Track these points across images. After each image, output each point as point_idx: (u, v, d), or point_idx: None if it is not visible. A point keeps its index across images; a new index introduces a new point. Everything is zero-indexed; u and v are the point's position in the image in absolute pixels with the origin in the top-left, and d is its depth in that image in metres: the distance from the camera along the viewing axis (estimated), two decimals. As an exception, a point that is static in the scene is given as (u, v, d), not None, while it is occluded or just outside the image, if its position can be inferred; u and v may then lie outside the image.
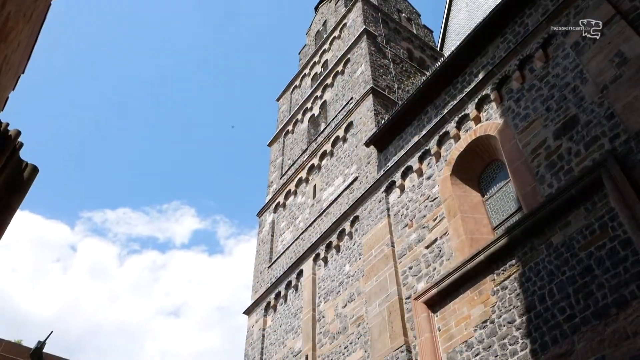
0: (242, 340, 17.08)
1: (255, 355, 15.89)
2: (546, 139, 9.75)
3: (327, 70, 21.99)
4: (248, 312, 17.62)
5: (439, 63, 14.19)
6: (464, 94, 12.40)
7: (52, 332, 10.05)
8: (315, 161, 18.80)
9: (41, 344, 9.69)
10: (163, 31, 72.49)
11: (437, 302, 10.17)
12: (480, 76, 12.16)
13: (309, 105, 22.49)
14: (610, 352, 7.05)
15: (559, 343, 7.72)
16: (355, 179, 15.49)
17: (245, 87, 75.48)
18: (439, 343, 9.72)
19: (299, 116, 22.81)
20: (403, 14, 26.87)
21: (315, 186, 18.18)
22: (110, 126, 69.66)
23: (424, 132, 13.21)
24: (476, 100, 11.99)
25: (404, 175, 13.36)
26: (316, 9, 30.62)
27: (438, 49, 26.34)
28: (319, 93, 22.07)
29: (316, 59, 24.90)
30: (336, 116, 19.03)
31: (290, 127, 23.12)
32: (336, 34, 23.99)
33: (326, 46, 24.46)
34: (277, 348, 15.26)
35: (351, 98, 18.53)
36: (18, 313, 56.24)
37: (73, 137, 69.02)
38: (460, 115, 12.30)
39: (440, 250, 10.96)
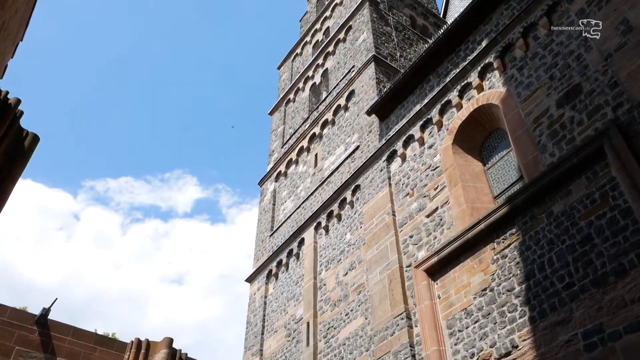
0: (245, 307, 17.33)
1: (257, 322, 16.12)
2: (549, 107, 9.68)
3: (329, 38, 21.73)
4: (250, 280, 17.80)
5: (442, 31, 14.00)
6: (466, 62, 12.27)
7: (56, 299, 10.19)
8: (316, 130, 18.73)
9: (46, 311, 9.83)
10: (162, -2, 71.41)
11: (437, 270, 10.26)
12: (484, 44, 12.01)
13: (310, 73, 22.31)
14: (607, 319, 7.14)
15: (557, 310, 7.81)
16: (357, 147, 15.46)
17: (247, 55, 74.74)
18: (439, 310, 9.84)
19: (300, 85, 22.64)
20: (406, -20, 26.40)
21: (316, 155, 18.16)
22: (110, 94, 69.29)
23: (426, 101, 13.12)
24: (479, 68, 11.88)
25: (406, 144, 13.33)
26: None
27: (441, 16, 25.98)
28: (320, 61, 21.85)
29: (317, 26, 24.58)
30: (338, 84, 18.90)
31: (291, 96, 22.97)
32: (337, 0, 23.63)
33: (327, 13, 24.12)
34: (278, 315, 15.46)
35: (353, 66, 18.36)
36: (22, 281, 56.91)
37: (74, 105, 68.75)
38: (462, 84, 12.19)
39: (441, 219, 11.01)
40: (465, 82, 12.14)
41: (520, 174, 10.24)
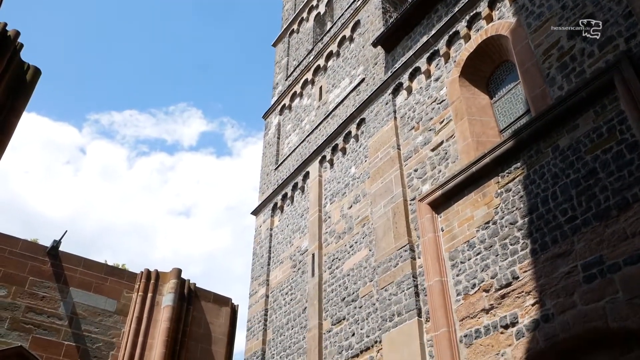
0: (251, 239, 17.66)
1: (263, 254, 16.48)
2: (559, 39, 9.44)
3: (334, -35, 20.95)
4: (255, 212, 18.04)
5: (452, -43, 13.44)
6: (476, -9, 11.86)
7: (66, 231, 10.38)
8: (321, 62, 18.41)
9: (57, 243, 10.04)
10: None
11: (441, 203, 10.35)
12: (495, -29, 11.57)
13: (314, 2, 21.66)
14: (608, 252, 7.25)
15: (559, 243, 7.93)
16: (362, 80, 15.25)
17: (248, -17, 72.41)
18: (442, 243, 10.01)
19: (304, 14, 22.04)
20: None
21: (321, 88, 17.95)
22: (113, 25, 67.86)
23: (433, 32, 12.80)
24: (489, -3, 11.50)
25: (412, 77, 13.13)
26: None
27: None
28: (325, -10, 21.18)
29: (322, -48, 23.65)
30: (343, 14, 18.39)
31: (295, 26, 22.42)
32: None
33: (333, -62, 23.15)
34: (284, 247, 15.78)
35: (358, -5, 17.80)
36: (32, 214, 57.87)
37: (74, 38, 67.50)
38: (471, 14, 11.85)
39: (446, 153, 11.00)
40: (474, 12, 11.79)
41: (528, 107, 10.13)
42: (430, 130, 11.74)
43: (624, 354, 6.83)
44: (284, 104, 19.88)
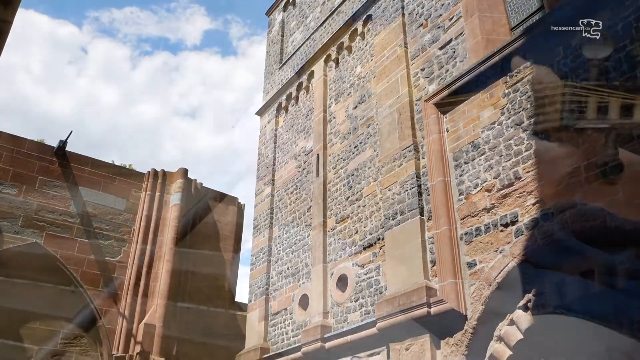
0: (257, 139, 17.68)
1: (268, 154, 16.59)
2: None
3: None
4: (260, 113, 17.95)
5: None
6: None
7: (72, 131, 10.42)
8: (326, -46, 17.49)
9: (63, 143, 10.10)
10: None
11: (447, 104, 10.23)
12: None
13: None
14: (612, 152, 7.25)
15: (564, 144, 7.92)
16: (369, -26, 14.56)
17: None
18: (446, 143, 10.01)
19: None
20: None
21: (326, -18, 17.18)
22: None
23: None
24: None
25: (421, -30, 12.50)
26: None
27: None
28: None
29: None
30: None
31: None
32: None
33: None
34: (289, 147, 15.84)
35: None
36: (37, 114, 57.78)
37: None
38: None
39: (454, 52, 10.71)
40: None
41: (541, 3, 9.72)
42: (439, 27, 11.36)
43: (619, 252, 7.02)
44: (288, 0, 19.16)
